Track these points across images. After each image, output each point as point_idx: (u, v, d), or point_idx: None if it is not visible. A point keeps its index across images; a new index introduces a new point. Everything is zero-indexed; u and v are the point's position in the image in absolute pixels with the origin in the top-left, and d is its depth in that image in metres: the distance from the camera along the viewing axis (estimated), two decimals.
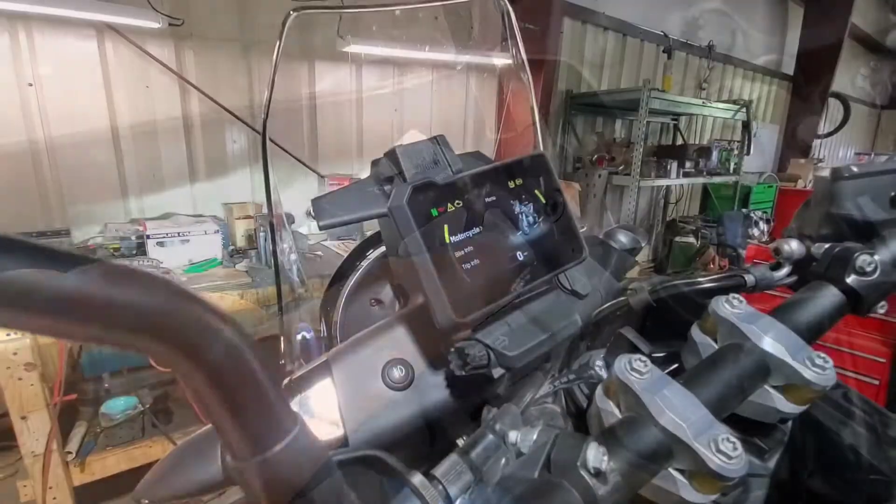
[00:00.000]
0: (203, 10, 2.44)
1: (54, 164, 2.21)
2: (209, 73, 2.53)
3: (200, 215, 2.59)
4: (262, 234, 2.25)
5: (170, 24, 2.27)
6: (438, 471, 0.28)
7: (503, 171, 0.47)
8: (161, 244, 2.09)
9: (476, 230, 0.43)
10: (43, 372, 1.62)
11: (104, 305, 0.13)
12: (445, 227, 0.42)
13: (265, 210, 2.63)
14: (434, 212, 0.42)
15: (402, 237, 0.41)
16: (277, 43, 0.58)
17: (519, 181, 0.48)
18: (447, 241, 0.42)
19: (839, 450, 0.48)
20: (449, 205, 0.43)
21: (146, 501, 0.38)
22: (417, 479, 0.27)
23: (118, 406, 2.00)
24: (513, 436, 0.29)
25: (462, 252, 0.42)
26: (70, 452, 1.77)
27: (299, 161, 2.89)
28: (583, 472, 0.25)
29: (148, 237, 2.07)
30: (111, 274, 0.13)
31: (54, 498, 1.71)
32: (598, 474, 0.25)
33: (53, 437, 1.65)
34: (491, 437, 0.30)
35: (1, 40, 2.02)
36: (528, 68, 0.85)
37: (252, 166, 2.77)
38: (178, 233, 2.12)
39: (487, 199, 0.45)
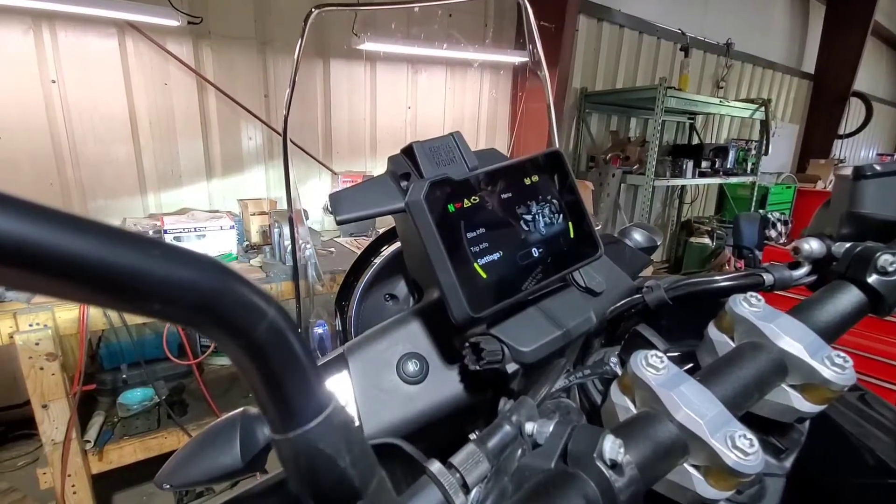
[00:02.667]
0: (221, 9, 2.47)
1: (76, 159, 2.26)
2: (226, 71, 2.56)
3: (216, 211, 2.62)
4: (276, 230, 2.27)
5: (189, 23, 2.30)
6: (456, 459, 0.28)
7: (519, 168, 0.47)
8: (178, 239, 2.13)
9: (491, 226, 0.44)
10: (64, 362, 1.66)
11: (163, 283, 0.14)
12: (462, 222, 0.42)
13: (280, 206, 2.66)
14: (451, 208, 0.42)
15: (419, 232, 0.41)
16: (299, 40, 0.59)
17: (535, 178, 0.48)
18: (463, 236, 0.42)
19: (857, 452, 0.47)
20: (465, 201, 0.43)
21: (167, 486, 0.40)
22: (436, 466, 0.27)
23: (135, 397, 2.04)
24: (529, 427, 0.30)
25: (477, 248, 0.42)
26: (88, 441, 1.81)
27: (313, 158, 2.92)
28: (599, 464, 0.25)
29: (165, 232, 2.11)
30: (171, 254, 0.14)
31: (73, 485, 1.75)
32: (614, 466, 0.26)
33: (73, 426, 1.69)
34: (508, 427, 0.30)
35: (25, 38, 2.06)
36: (545, 67, 0.84)
37: (267, 163, 2.80)
38: (195, 228, 2.15)
39: (503, 196, 0.45)
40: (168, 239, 2.14)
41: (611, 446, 0.25)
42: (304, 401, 0.18)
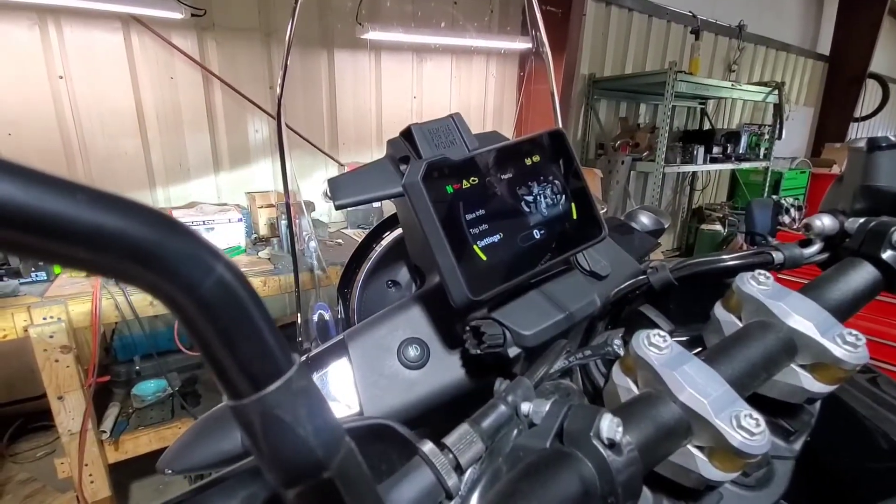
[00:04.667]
0: (224, 1, 2.47)
1: (85, 155, 2.28)
2: (231, 64, 2.56)
3: (224, 204, 2.64)
4: (283, 222, 2.28)
5: (192, 15, 2.29)
6: (449, 440, 0.28)
7: (519, 148, 0.46)
8: None
9: (492, 208, 0.43)
10: (78, 354, 1.68)
11: (92, 232, 0.13)
12: (461, 204, 0.41)
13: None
14: (449, 189, 0.41)
15: (417, 214, 0.40)
16: (290, 20, 0.58)
17: (536, 158, 0.47)
18: (462, 218, 0.41)
19: (870, 436, 0.46)
20: (464, 182, 0.42)
21: (169, 472, 0.40)
22: (428, 447, 0.27)
23: (149, 388, 2.07)
24: (525, 407, 0.29)
25: (477, 229, 0.42)
26: (104, 432, 1.84)
27: (318, 149, 2.91)
28: (596, 443, 0.25)
29: None
30: (102, 200, 0.13)
31: (90, 475, 1.79)
32: (612, 445, 0.25)
33: (88, 417, 1.72)
34: (503, 407, 0.29)
35: (31, 34, 2.07)
36: (547, 47, 0.83)
37: (274, 155, 2.80)
38: (203, 221, 2.17)
39: (503, 177, 0.44)
40: None
41: (608, 425, 0.25)
42: (258, 364, 0.16)
